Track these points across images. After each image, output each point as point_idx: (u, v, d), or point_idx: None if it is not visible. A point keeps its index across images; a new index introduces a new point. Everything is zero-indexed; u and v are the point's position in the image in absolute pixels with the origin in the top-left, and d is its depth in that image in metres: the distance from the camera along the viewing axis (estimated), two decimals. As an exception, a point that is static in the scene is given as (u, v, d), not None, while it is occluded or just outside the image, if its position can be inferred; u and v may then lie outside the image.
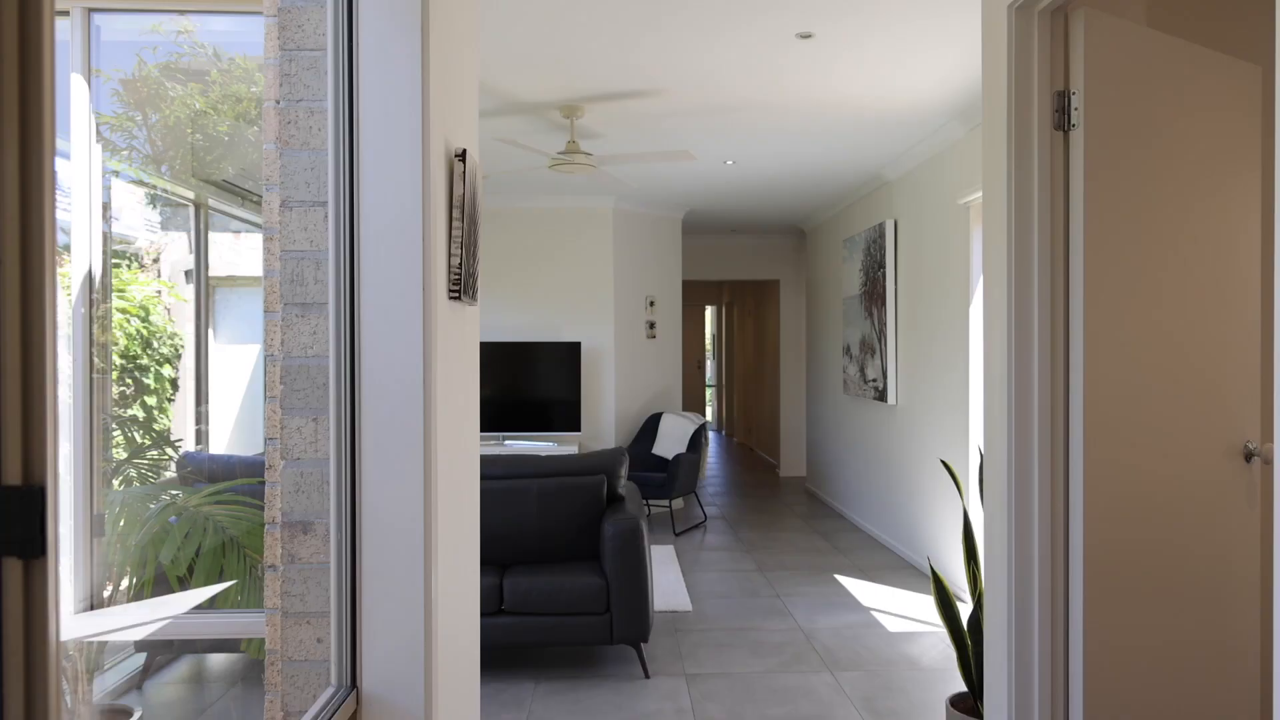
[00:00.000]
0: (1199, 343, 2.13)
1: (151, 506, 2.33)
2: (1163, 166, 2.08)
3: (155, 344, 3.83)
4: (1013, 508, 2.08)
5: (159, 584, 2.23)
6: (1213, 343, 2.15)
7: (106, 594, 2.17)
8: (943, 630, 4.01)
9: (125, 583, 2.31)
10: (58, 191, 2.45)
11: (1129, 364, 2.04)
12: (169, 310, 4.20)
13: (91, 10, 1.95)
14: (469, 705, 1.90)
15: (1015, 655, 2.08)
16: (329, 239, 1.55)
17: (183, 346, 4.26)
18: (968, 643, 2.78)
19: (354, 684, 1.54)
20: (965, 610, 3.03)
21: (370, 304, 1.53)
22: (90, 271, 2.02)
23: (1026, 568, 2.07)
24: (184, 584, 2.12)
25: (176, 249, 4.47)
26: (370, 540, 1.52)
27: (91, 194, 2.00)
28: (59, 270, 2.13)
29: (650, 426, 7.24)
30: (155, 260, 4.48)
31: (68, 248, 2.60)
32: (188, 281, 4.48)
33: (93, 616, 1.96)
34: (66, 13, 1.96)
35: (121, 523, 2.18)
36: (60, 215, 2.79)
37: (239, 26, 3.19)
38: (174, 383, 4.16)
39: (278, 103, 1.69)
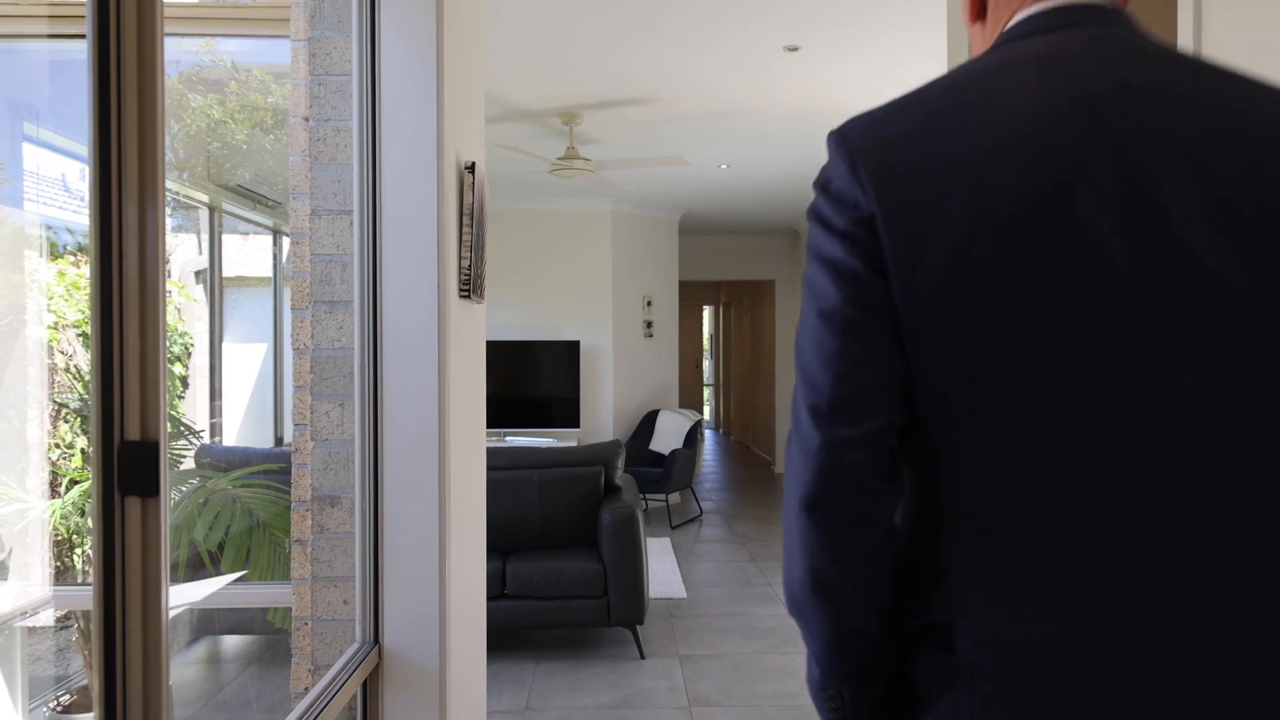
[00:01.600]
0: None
1: (183, 489, 2.52)
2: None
3: (166, 343, 4.02)
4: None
5: (190, 565, 2.42)
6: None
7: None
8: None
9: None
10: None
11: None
12: (179, 310, 4.39)
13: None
14: (476, 662, 2.10)
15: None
16: (354, 243, 1.74)
17: (193, 345, 4.45)
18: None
19: (376, 640, 1.73)
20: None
21: (391, 301, 1.72)
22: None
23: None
24: (215, 561, 2.31)
25: (186, 250, 4.66)
26: (391, 511, 1.71)
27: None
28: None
29: (648, 423, 7.43)
30: (165, 262, 4.67)
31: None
32: (197, 281, 4.67)
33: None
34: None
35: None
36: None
37: (255, 44, 3.38)
38: (184, 380, 4.35)
39: (306, 120, 1.88)
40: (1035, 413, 0.69)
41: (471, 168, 1.94)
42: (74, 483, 2.62)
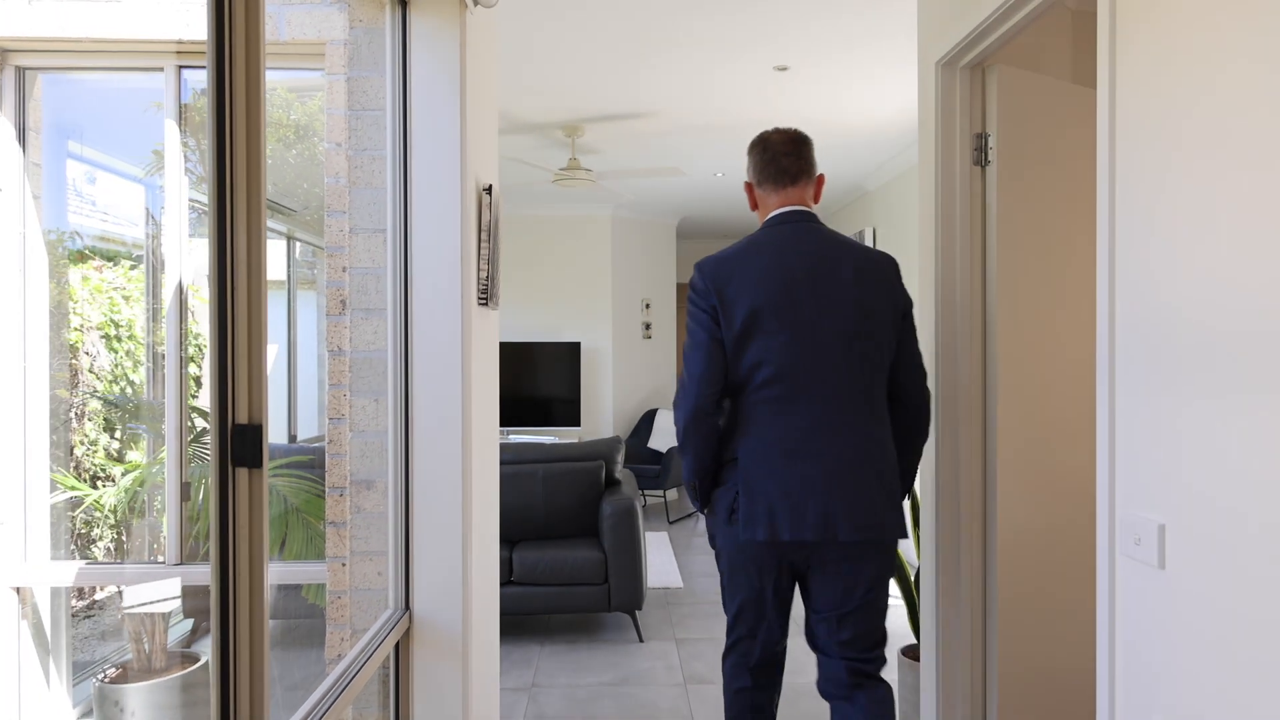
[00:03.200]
0: (1091, 341, 2.56)
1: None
2: (1065, 194, 2.51)
3: (185, 344, 4.25)
4: (939, 485, 2.51)
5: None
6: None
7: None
8: (909, 602, 4.43)
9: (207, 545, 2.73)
10: (143, 213, 2.86)
11: (1035, 363, 2.47)
12: (193, 312, 4.62)
13: (182, 67, 2.37)
14: (491, 632, 2.33)
15: (939, 607, 2.51)
16: (388, 258, 1.97)
17: (205, 347, 4.66)
18: (916, 600, 3.21)
19: (407, 606, 1.97)
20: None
21: (419, 309, 1.96)
22: (180, 283, 2.44)
23: (951, 535, 2.50)
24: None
25: (199, 255, 4.88)
26: (420, 493, 1.95)
27: (181, 217, 2.43)
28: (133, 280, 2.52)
29: (646, 422, 7.66)
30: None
31: (138, 260, 3.02)
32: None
33: (193, 568, 2.38)
34: (161, 69, 2.39)
35: (202, 493, 2.60)
36: (133, 232, 3.21)
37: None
38: (197, 380, 4.57)
39: (338, 145, 2.11)
40: (771, 381, 2.00)
41: (488, 189, 2.18)
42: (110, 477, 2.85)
